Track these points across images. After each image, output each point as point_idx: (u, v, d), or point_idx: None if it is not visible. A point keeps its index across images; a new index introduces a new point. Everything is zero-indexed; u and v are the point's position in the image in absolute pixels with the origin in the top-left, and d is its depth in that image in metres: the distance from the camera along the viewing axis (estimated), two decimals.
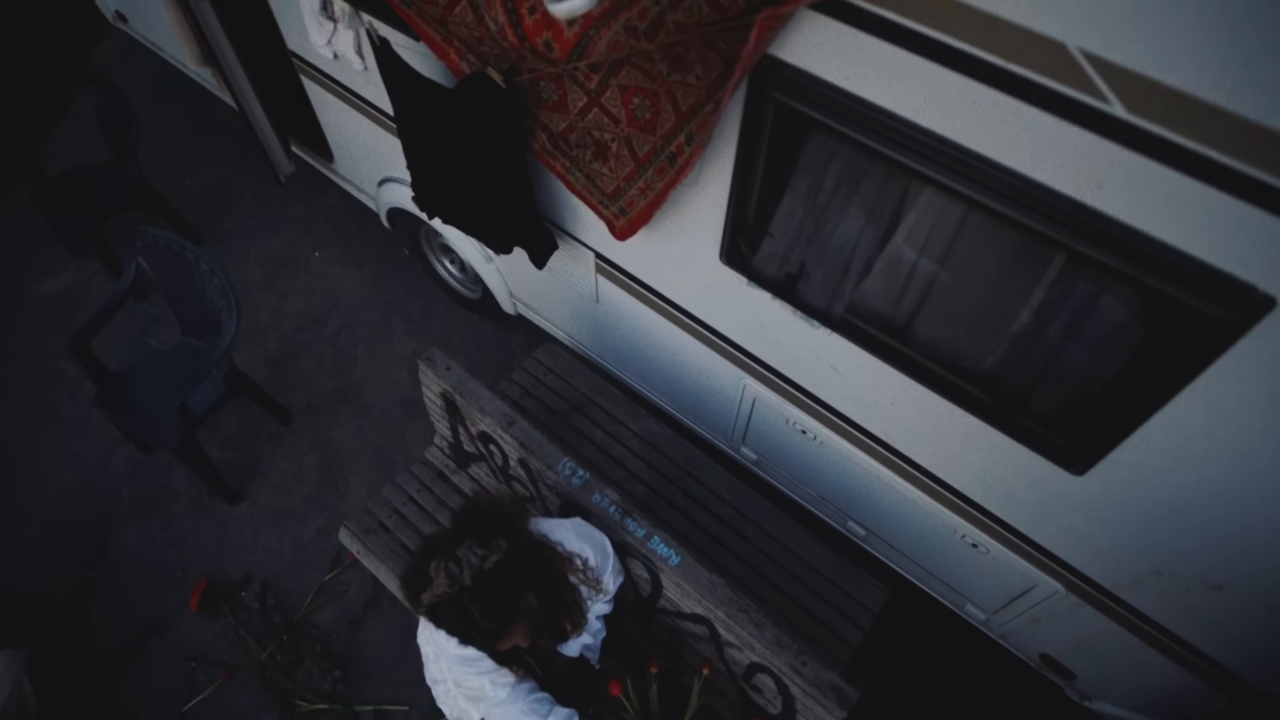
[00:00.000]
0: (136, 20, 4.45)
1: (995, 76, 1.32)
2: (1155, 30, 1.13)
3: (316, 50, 2.91)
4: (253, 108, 3.52)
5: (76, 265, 4.13)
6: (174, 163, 4.57)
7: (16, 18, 5.35)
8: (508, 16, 1.76)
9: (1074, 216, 1.39)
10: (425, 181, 2.68)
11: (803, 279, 2.03)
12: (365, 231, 4.24)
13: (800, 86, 1.59)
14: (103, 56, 5.17)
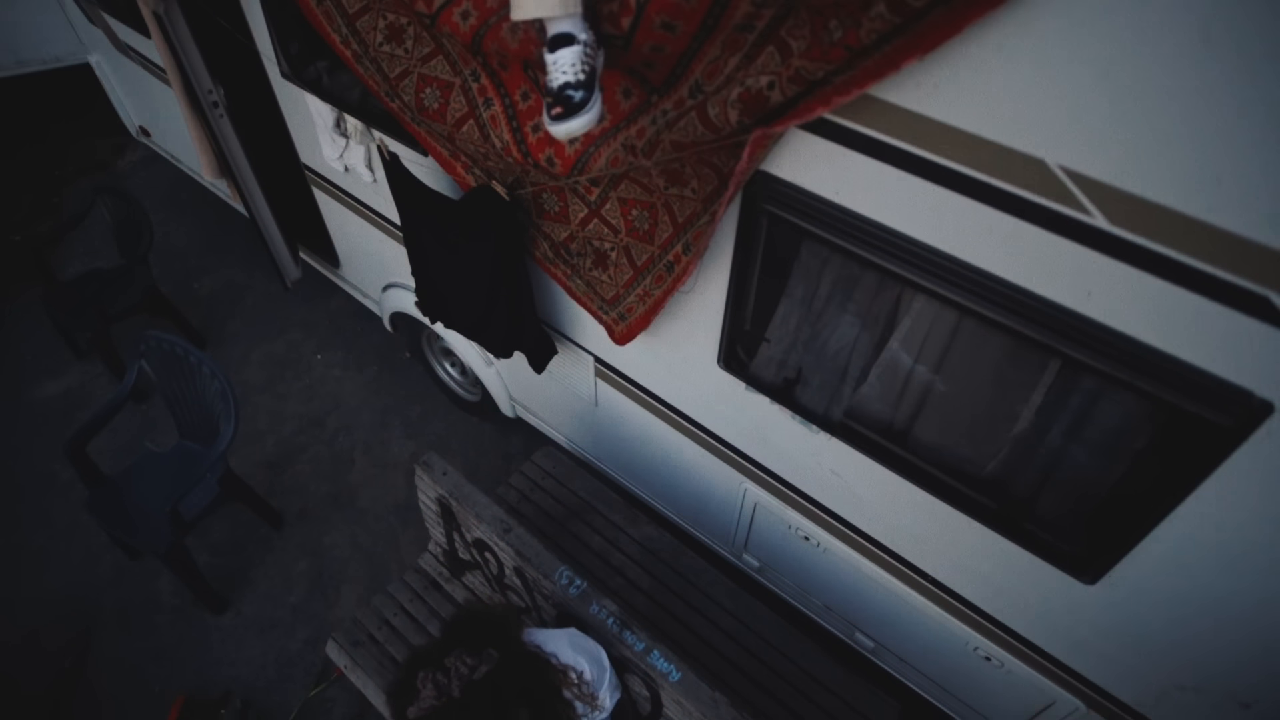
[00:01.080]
0: (158, 135, 4.68)
1: (980, 191, 1.38)
2: (1129, 148, 1.18)
3: (328, 164, 3.04)
4: (264, 216, 3.65)
5: (80, 368, 4.16)
6: (184, 267, 4.68)
7: (46, 130, 5.61)
8: (512, 135, 1.85)
9: (1066, 323, 1.42)
10: (429, 287, 2.74)
11: (800, 384, 2.04)
12: (368, 335, 4.30)
13: (792, 199, 1.65)
14: (123, 166, 5.40)
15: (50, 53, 5.40)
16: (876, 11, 1.20)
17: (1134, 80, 1.12)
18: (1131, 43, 1.10)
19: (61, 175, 5.32)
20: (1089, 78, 1.16)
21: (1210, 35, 1.04)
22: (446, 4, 1.73)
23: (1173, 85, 1.10)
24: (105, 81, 4.64)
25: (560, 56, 1.43)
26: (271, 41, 2.69)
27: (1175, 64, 1.08)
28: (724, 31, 1.38)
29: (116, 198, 3.81)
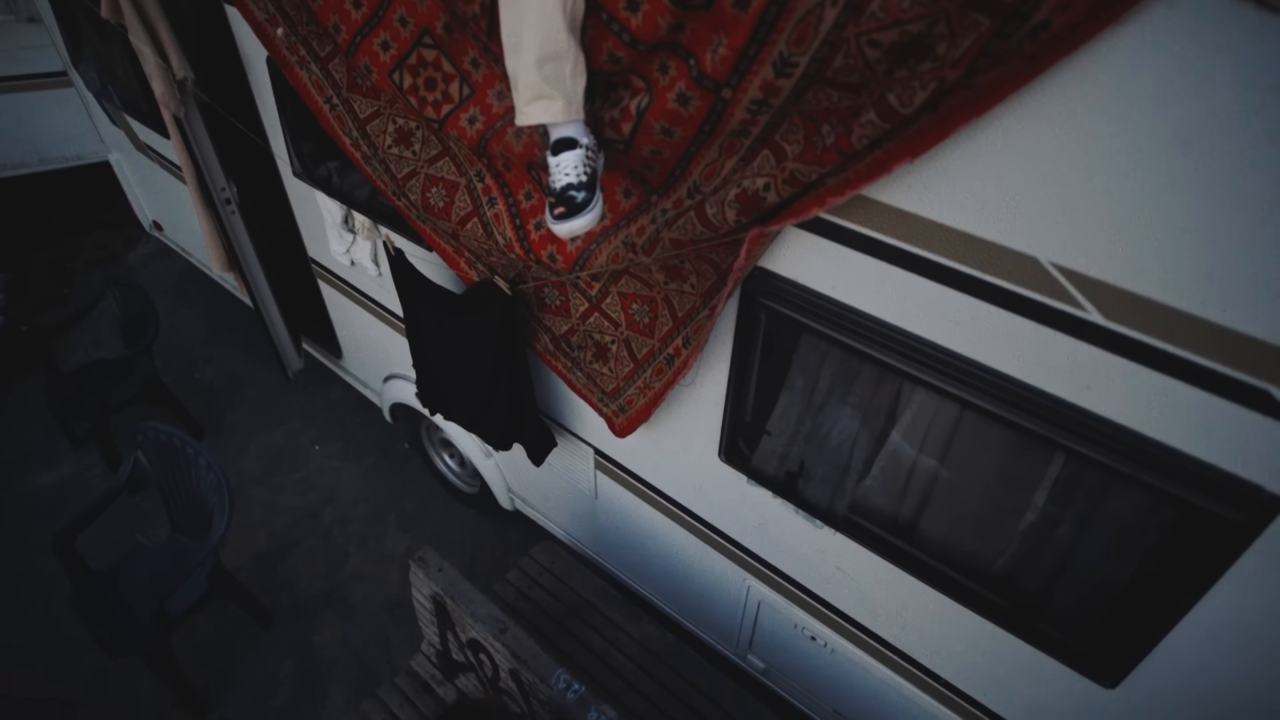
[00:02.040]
0: (170, 229, 4.80)
1: (975, 287, 1.40)
2: (1119, 246, 1.21)
3: (335, 258, 3.10)
4: (269, 308, 3.70)
5: (75, 459, 4.12)
6: (187, 357, 4.71)
7: (62, 222, 5.77)
8: (515, 232, 1.89)
9: (1067, 417, 1.41)
10: (429, 379, 2.75)
11: (803, 477, 2.02)
12: (367, 425, 4.28)
13: (790, 294, 1.67)
14: (135, 259, 5.52)
15: (72, 151, 5.64)
16: (867, 118, 1.25)
17: (1117, 181, 1.16)
18: (1112, 146, 1.14)
19: (73, 267, 5.43)
20: (1074, 178, 1.20)
21: (1188, 140, 1.08)
22: (454, 110, 1.81)
23: (1155, 185, 1.13)
24: (123, 178, 4.80)
25: (563, 159, 1.49)
26: (285, 143, 2.80)
27: (1155, 166, 1.12)
28: (720, 136, 1.44)
29: (125, 289, 3.87)
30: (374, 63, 1.89)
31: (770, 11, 1.21)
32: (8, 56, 5.19)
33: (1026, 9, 1.05)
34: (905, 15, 1.11)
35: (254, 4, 2.19)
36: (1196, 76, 1.03)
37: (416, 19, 1.78)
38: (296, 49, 2.18)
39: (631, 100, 1.49)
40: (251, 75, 2.76)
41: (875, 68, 1.19)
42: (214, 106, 2.92)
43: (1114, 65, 1.08)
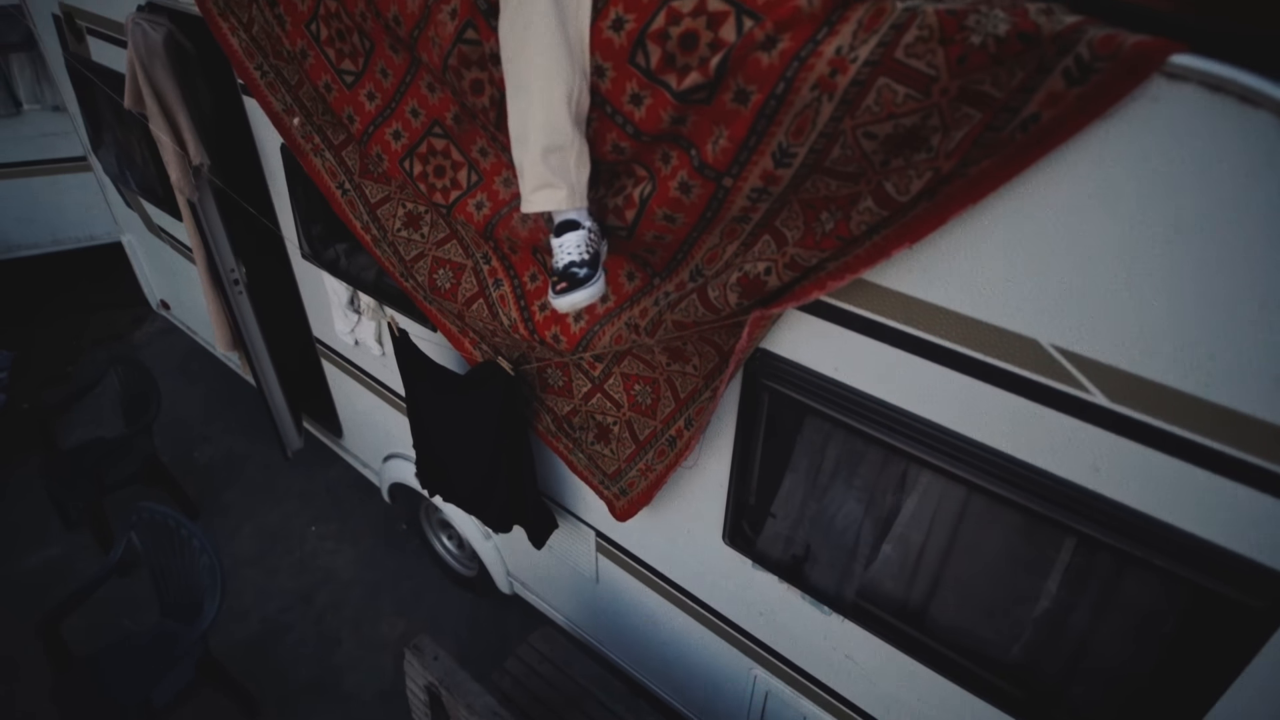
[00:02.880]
0: (177, 308, 4.86)
1: (977, 369, 1.40)
2: (1119, 328, 1.22)
3: (340, 337, 3.13)
4: (271, 387, 3.71)
5: (67, 539, 4.05)
6: (186, 435, 4.69)
7: (70, 301, 5.85)
8: (520, 313, 1.91)
9: (1076, 500, 1.39)
10: (430, 459, 2.73)
11: (809, 561, 1.97)
12: (365, 506, 4.22)
13: (792, 376, 1.68)
14: (140, 337, 5.57)
15: (86, 232, 5.78)
16: (865, 206, 1.28)
17: (1113, 265, 1.18)
18: (1105, 231, 1.16)
19: (78, 344, 5.48)
20: (1070, 263, 1.22)
21: (1180, 226, 1.11)
22: (462, 195, 1.86)
23: (1150, 270, 1.15)
24: (134, 258, 4.90)
25: (566, 240, 1.52)
26: (295, 226, 2.87)
27: (1149, 250, 1.14)
28: (722, 222, 1.47)
29: (128, 366, 3.89)
30: (386, 151, 1.96)
31: (769, 106, 1.25)
32: (31, 143, 5.39)
33: (1016, 104, 1.10)
34: (899, 110, 1.16)
35: (272, 96, 2.28)
36: (1183, 166, 1.07)
37: (428, 110, 1.85)
38: (311, 137, 2.26)
39: (635, 188, 1.53)
40: (265, 161, 2.85)
41: (872, 158, 1.23)
42: (227, 192, 3.00)
43: (1103, 155, 1.12)
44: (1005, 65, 1.07)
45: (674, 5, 1.32)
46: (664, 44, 1.34)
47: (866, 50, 1.15)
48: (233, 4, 2.20)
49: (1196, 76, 1.02)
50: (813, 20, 1.19)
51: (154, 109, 2.78)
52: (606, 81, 1.43)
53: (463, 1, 1.55)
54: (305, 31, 1.98)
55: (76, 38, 3.63)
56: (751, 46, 1.23)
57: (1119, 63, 1.01)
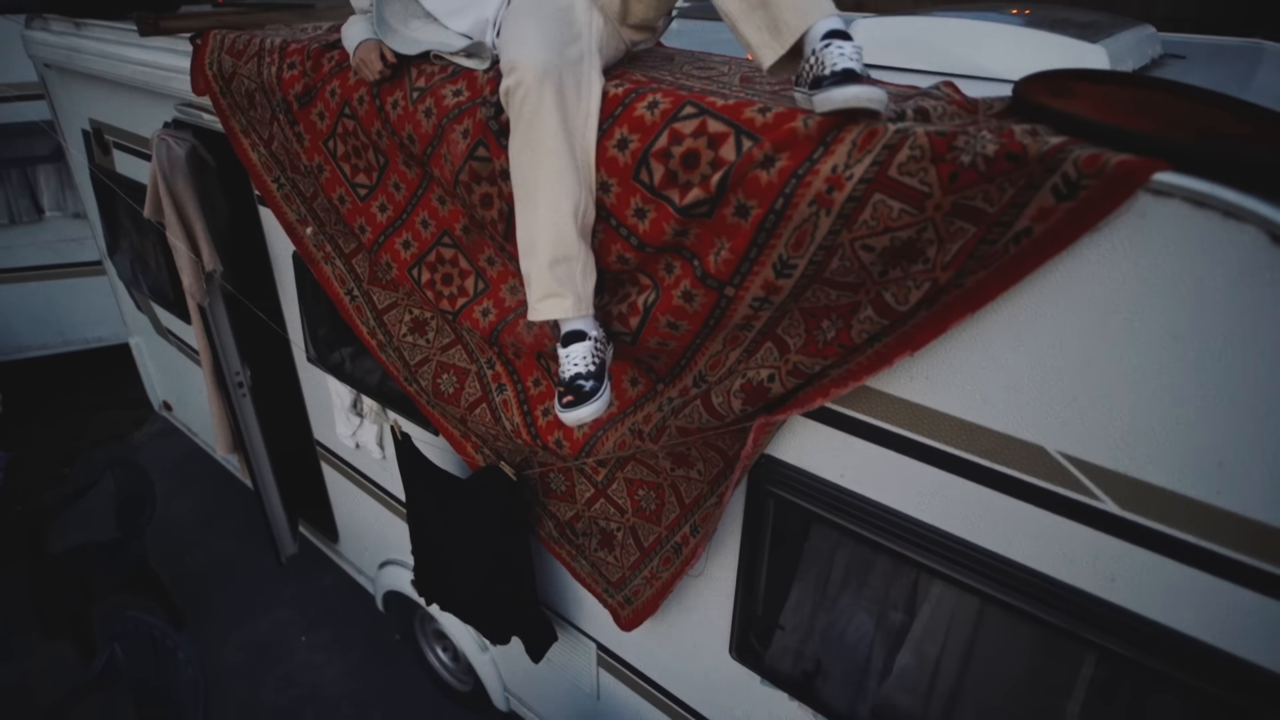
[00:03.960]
0: (180, 409, 4.87)
1: (985, 476, 1.39)
2: (1125, 435, 1.21)
3: (340, 441, 3.12)
4: (268, 490, 3.67)
5: (46, 648, 3.89)
6: (179, 539, 4.59)
7: (72, 401, 5.86)
8: (523, 418, 1.91)
9: (1093, 612, 1.35)
10: (428, 566, 2.66)
11: (820, 677, 1.89)
12: (358, 614, 4.08)
13: (798, 483, 1.66)
14: (140, 438, 5.55)
15: (94, 334, 5.87)
16: (865, 315, 1.30)
17: (1114, 372, 1.19)
18: (1104, 338, 1.18)
19: (77, 445, 5.45)
20: (1072, 369, 1.23)
21: (1177, 334, 1.12)
22: (469, 303, 1.90)
23: (1150, 376, 1.16)
24: (140, 360, 4.95)
25: (572, 351, 1.54)
26: (302, 330, 2.91)
27: (1148, 358, 1.15)
28: (724, 329, 1.50)
29: (125, 468, 3.85)
30: (395, 259, 2.01)
31: (768, 220, 1.30)
32: (50, 248, 5.56)
33: (1008, 218, 1.13)
34: (895, 224, 1.20)
35: (287, 206, 2.37)
36: (1174, 276, 1.09)
37: (438, 221, 1.91)
38: (323, 246, 2.32)
39: (639, 296, 1.56)
40: (276, 268, 2.92)
41: (870, 269, 1.26)
42: (237, 296, 3.07)
43: (1096, 265, 1.15)
44: (995, 182, 1.12)
45: (676, 126, 1.39)
46: (667, 162, 1.40)
47: (861, 169, 1.20)
48: (254, 122, 2.31)
49: (1180, 193, 1.06)
50: (809, 141, 1.25)
51: (172, 218, 2.88)
52: (611, 196, 1.49)
53: (475, 122, 1.63)
54: (323, 148, 2.07)
55: (103, 151, 3.80)
56: (751, 165, 1.29)
57: (1105, 180, 1.06)
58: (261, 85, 2.16)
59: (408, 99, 1.77)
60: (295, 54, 2.07)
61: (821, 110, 1.22)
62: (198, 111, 2.75)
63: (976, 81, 1.65)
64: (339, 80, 1.96)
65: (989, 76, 1.69)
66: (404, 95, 1.78)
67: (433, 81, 1.74)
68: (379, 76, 1.80)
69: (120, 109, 3.42)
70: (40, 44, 3.65)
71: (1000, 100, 1.34)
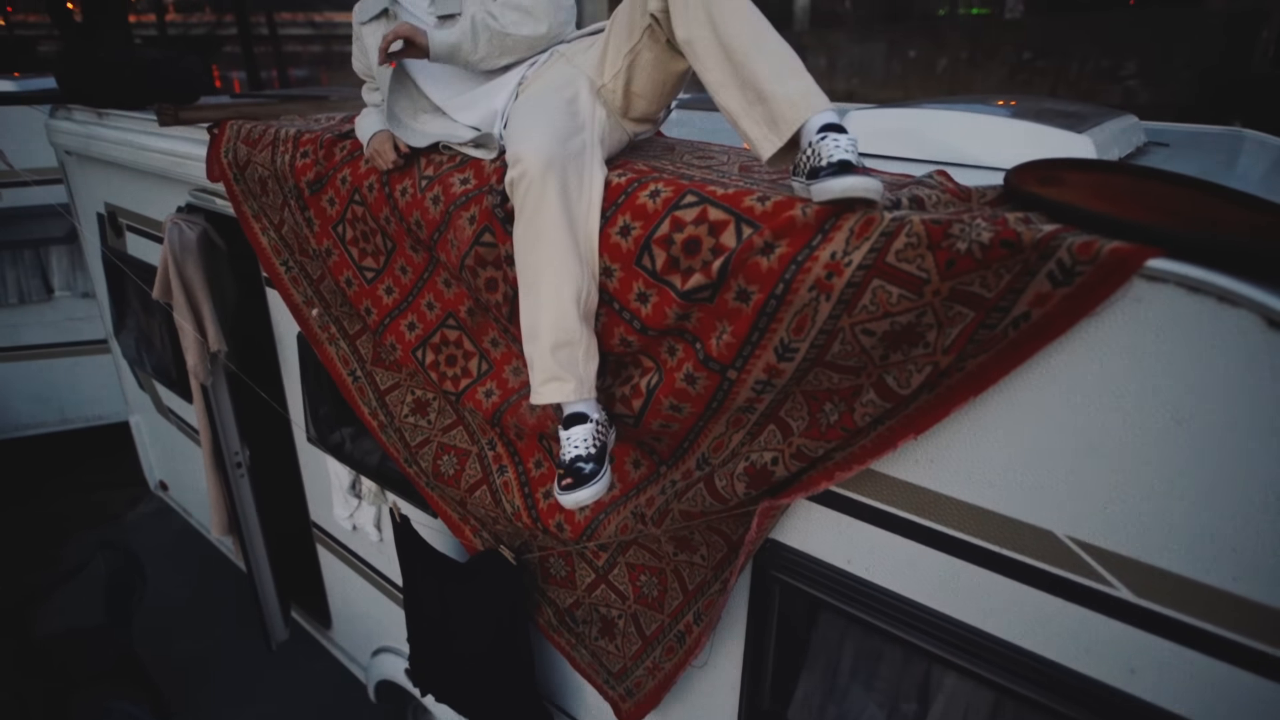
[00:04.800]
0: (176, 489, 4.82)
1: (995, 561, 1.36)
2: (1136, 520, 1.19)
3: (338, 522, 3.07)
4: (262, 573, 3.59)
5: None
6: (167, 624, 4.46)
7: (67, 480, 5.81)
8: (524, 500, 1.89)
9: (1114, 705, 1.29)
10: (424, 653, 2.58)
11: None
12: (347, 706, 3.93)
13: (804, 568, 1.63)
14: (133, 518, 5.47)
15: (94, 412, 5.87)
16: (868, 398, 1.30)
17: (1120, 455, 1.18)
18: (1107, 422, 1.17)
19: (70, 525, 5.37)
20: (1078, 452, 1.22)
21: (1180, 418, 1.12)
22: (472, 384, 1.90)
23: (1156, 460, 1.15)
24: (139, 438, 4.92)
25: (574, 433, 1.53)
26: (304, 410, 2.91)
27: (1152, 441, 1.14)
28: (727, 412, 1.50)
29: (116, 552, 3.79)
30: (400, 341, 2.03)
31: (769, 305, 1.32)
32: (55, 327, 5.63)
33: (1006, 303, 1.15)
34: (894, 309, 1.21)
35: (294, 289, 2.40)
36: (1173, 361, 1.10)
37: (443, 304, 1.94)
38: (328, 327, 2.35)
39: (642, 379, 1.57)
40: (280, 348, 2.95)
41: (871, 353, 1.27)
42: (240, 376, 3.08)
43: (1096, 350, 1.16)
44: (992, 269, 1.14)
45: (677, 214, 1.43)
46: (668, 248, 1.43)
47: (860, 255, 1.22)
48: (266, 207, 2.38)
49: (1174, 278, 1.08)
50: (807, 229, 1.28)
51: (180, 299, 2.92)
52: (615, 281, 1.51)
53: (481, 209, 1.67)
54: (332, 232, 2.12)
55: (116, 233, 3.89)
56: (751, 251, 1.32)
57: (1099, 267, 1.08)
58: (275, 172, 2.23)
59: (416, 187, 1.83)
60: (309, 143, 2.14)
61: (819, 200, 1.26)
62: (211, 196, 2.82)
63: (968, 169, 1.70)
64: (350, 168, 2.02)
65: (980, 165, 1.74)
66: (413, 183, 1.84)
67: (441, 170, 1.79)
68: (392, 166, 1.86)
69: (135, 194, 3.52)
70: (63, 132, 3.79)
71: (993, 189, 1.38)
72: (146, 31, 23.77)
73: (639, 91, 1.63)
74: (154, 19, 23.63)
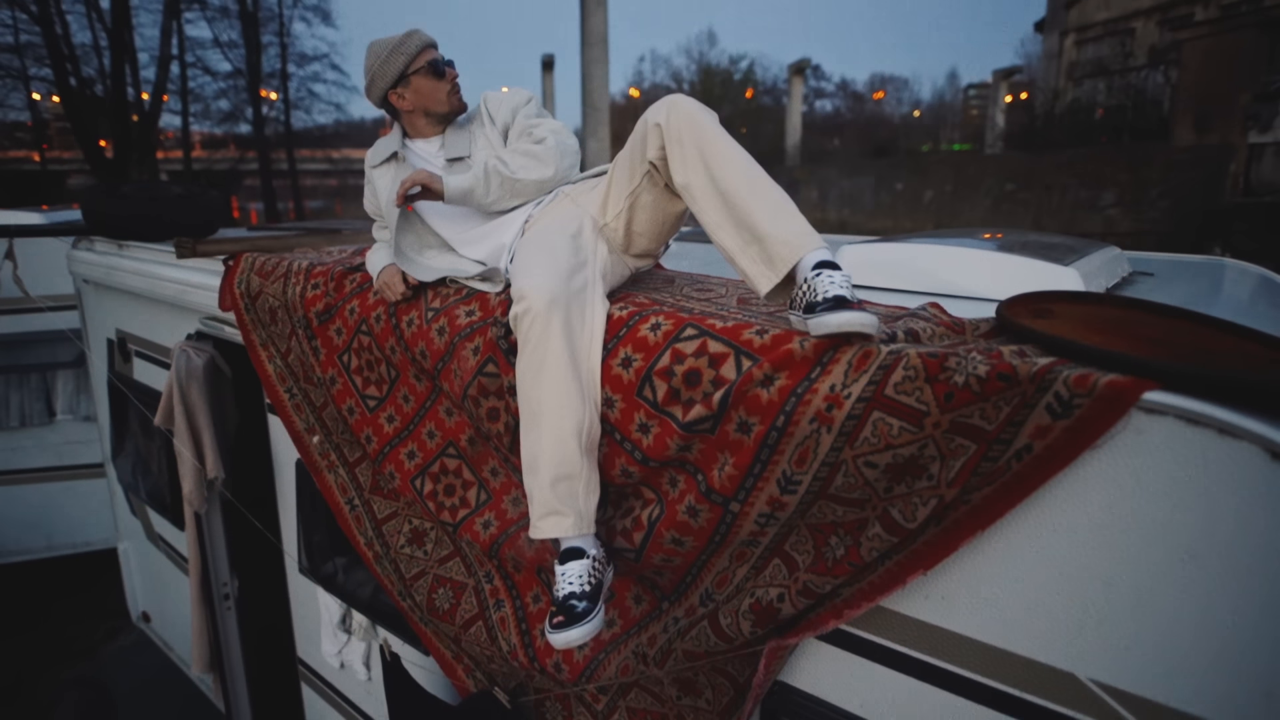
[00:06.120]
0: (159, 621, 4.63)
1: (1017, 707, 1.29)
2: (1163, 662, 1.14)
3: (325, 659, 2.93)
4: (241, 714, 3.39)
5: None
6: None
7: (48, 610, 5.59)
8: (520, 638, 1.82)
9: None
10: None
11: None
12: None
13: (815, 714, 1.54)
14: (111, 651, 5.22)
15: (82, 538, 5.74)
16: (873, 532, 1.28)
17: (1138, 592, 1.14)
18: (1121, 557, 1.15)
19: (45, 659, 5.13)
20: (1094, 589, 1.18)
21: (1194, 552, 1.09)
22: (470, 514, 1.87)
23: (1175, 596, 1.11)
24: (125, 567, 4.79)
25: (569, 569, 1.49)
26: (298, 539, 2.84)
27: (1169, 577, 1.11)
28: (730, 545, 1.46)
29: (89, 690, 3.60)
30: (399, 470, 2.02)
31: (770, 437, 1.32)
32: (54, 450, 5.61)
33: (1008, 436, 1.15)
34: (896, 441, 1.21)
35: (296, 416, 2.41)
36: (1179, 493, 1.08)
37: (444, 432, 1.94)
38: (328, 454, 2.34)
39: (643, 511, 1.54)
40: (279, 476, 2.92)
41: (875, 485, 1.26)
42: (235, 504, 3.03)
43: (1102, 481, 1.14)
44: (991, 401, 1.15)
45: (678, 346, 1.45)
46: (669, 380, 1.44)
47: (859, 387, 1.24)
48: (274, 336, 2.42)
49: (1173, 411, 1.08)
50: (806, 361, 1.30)
51: (181, 425, 2.92)
52: (616, 412, 1.52)
53: (485, 340, 1.71)
54: (337, 361, 2.15)
55: (124, 358, 3.94)
56: (751, 384, 1.33)
57: (1097, 399, 1.09)
58: (285, 303, 2.29)
59: (423, 318, 1.87)
60: (320, 275, 2.21)
61: (816, 334, 1.28)
62: (220, 324, 2.89)
63: (959, 301, 1.74)
64: (359, 300, 2.07)
65: (971, 296, 1.79)
66: (419, 315, 1.88)
67: (448, 303, 1.84)
68: (400, 298, 1.91)
69: (147, 321, 3.60)
70: (83, 262, 3.92)
71: (985, 321, 1.41)
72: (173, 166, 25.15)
73: (640, 230, 1.70)
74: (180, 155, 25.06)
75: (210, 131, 26.68)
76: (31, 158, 26.62)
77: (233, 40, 23.28)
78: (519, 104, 2.05)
